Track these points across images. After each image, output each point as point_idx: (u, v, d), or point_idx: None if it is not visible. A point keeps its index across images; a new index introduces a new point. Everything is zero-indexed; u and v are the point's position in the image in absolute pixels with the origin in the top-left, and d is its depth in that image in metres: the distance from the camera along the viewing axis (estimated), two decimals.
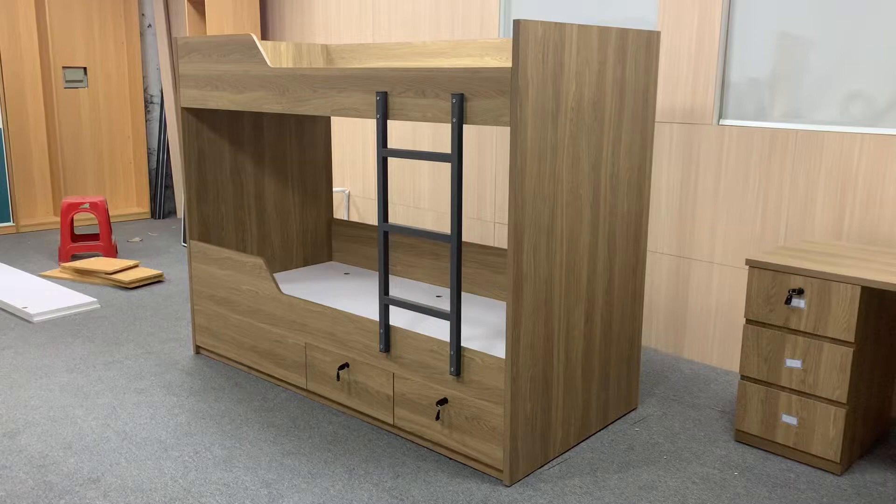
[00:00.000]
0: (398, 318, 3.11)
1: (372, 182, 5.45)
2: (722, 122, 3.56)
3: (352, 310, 3.26)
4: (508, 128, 3.94)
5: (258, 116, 3.82)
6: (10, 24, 6.42)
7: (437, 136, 4.86)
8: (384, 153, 2.72)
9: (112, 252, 5.59)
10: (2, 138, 6.46)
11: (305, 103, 2.97)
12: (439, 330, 2.96)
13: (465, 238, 4.77)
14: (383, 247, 2.79)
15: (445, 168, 4.82)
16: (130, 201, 7.34)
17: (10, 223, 6.58)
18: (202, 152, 3.64)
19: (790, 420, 2.75)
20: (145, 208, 7.32)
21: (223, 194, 3.75)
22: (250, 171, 3.85)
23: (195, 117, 3.59)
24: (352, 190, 5.62)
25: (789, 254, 2.83)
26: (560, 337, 2.69)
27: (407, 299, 2.93)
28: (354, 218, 5.65)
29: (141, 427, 3.01)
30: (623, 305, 2.99)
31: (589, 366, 2.86)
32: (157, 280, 5.08)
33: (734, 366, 3.64)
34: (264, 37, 6.22)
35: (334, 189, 5.60)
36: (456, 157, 2.52)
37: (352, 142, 5.56)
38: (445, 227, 4.92)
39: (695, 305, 3.73)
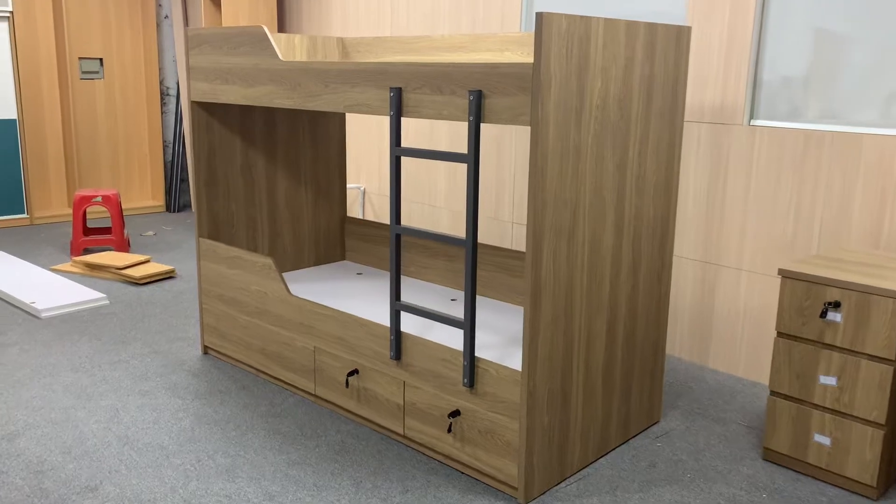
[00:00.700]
0: (410, 322, 2.99)
1: (388, 178, 5.32)
2: (753, 122, 3.40)
3: (363, 313, 3.14)
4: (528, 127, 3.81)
5: (270, 111, 3.70)
6: (27, 13, 6.35)
7: (455, 133, 4.73)
8: (397, 152, 2.59)
9: (124, 246, 5.52)
10: (17, 129, 6.41)
11: (317, 98, 2.85)
12: (453, 337, 2.83)
13: (481, 238, 4.64)
14: (395, 250, 2.66)
15: (462, 166, 4.68)
16: (145, 194, 7.27)
17: (24, 215, 6.53)
18: (212, 147, 3.53)
19: (823, 440, 2.60)
20: (160, 201, 7.25)
21: (233, 191, 3.65)
22: (262, 167, 3.73)
23: (205, 111, 3.48)
24: (367, 186, 5.50)
25: (825, 263, 2.67)
26: (580, 347, 2.55)
27: (419, 305, 2.80)
28: (370, 215, 5.53)
29: (143, 431, 2.91)
30: (647, 314, 2.85)
31: (610, 377, 2.72)
32: (168, 276, 4.99)
33: (761, 377, 3.48)
34: (281, 30, 6.11)
35: (349, 185, 5.49)
36: (472, 158, 2.38)
37: (368, 136, 5.43)
38: (461, 227, 4.79)
39: (721, 313, 3.58)
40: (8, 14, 6.24)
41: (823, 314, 2.51)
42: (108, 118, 6.93)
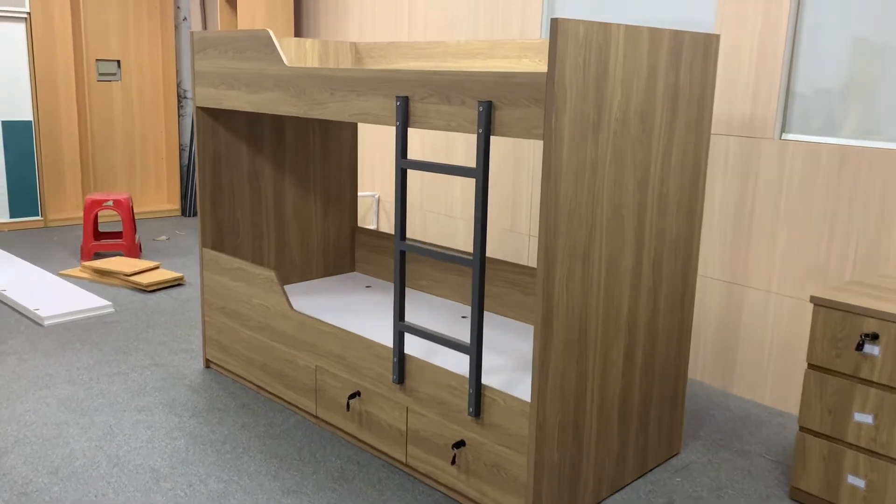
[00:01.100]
0: (416, 342, 2.84)
1: None
2: (785, 136, 3.21)
3: (369, 330, 3.00)
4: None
5: (279, 116, 3.58)
6: (45, 14, 6.31)
7: (470, 143, 4.58)
8: (403, 164, 2.45)
9: (135, 251, 5.43)
10: (32, 130, 6.36)
11: (323, 107, 2.71)
12: (460, 359, 2.68)
13: (496, 251, 4.47)
14: (399, 267, 2.51)
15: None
16: (161, 197, 7.20)
17: (38, 217, 6.48)
18: (218, 154, 3.41)
19: (857, 482, 2.40)
20: (175, 205, 7.17)
21: (239, 199, 3.52)
22: (269, 174, 3.61)
23: (211, 117, 3.36)
24: (382, 194, 5.36)
25: (862, 291, 2.48)
26: (594, 376, 2.38)
27: (424, 327, 2.65)
28: (384, 224, 5.39)
29: (135, 452, 2.78)
30: (668, 339, 2.67)
31: (627, 408, 2.55)
32: (176, 283, 4.89)
33: (789, 406, 3.28)
34: (298, 34, 6.00)
35: (362, 193, 5.35)
36: (481, 173, 2.23)
37: (382, 142, 5.30)
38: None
39: (747, 337, 3.38)
40: (25, 15, 6.20)
41: (860, 346, 2.32)
42: (124, 121, 6.87)
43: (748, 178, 3.30)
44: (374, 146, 5.37)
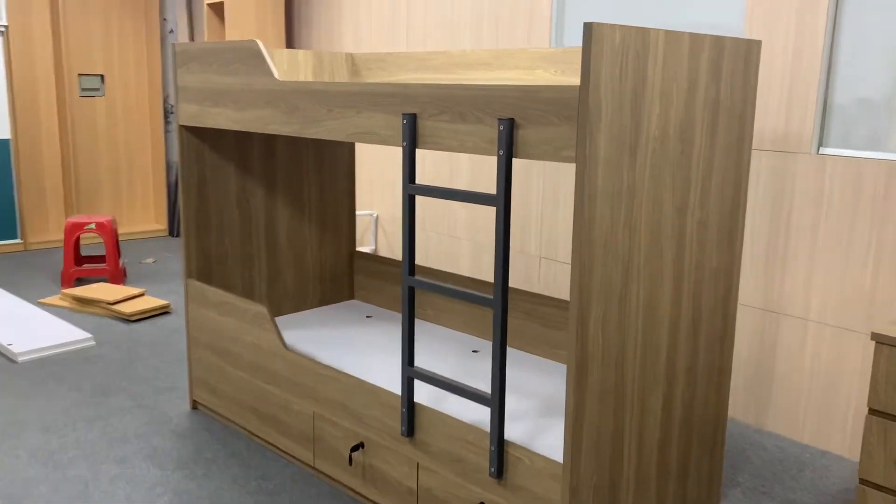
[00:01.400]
0: (426, 386, 2.55)
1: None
2: (822, 150, 2.94)
3: (373, 371, 2.71)
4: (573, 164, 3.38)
5: (270, 134, 3.30)
6: (24, 27, 6.02)
7: (477, 163, 4.30)
8: (412, 190, 2.16)
9: (119, 277, 5.12)
10: (10, 149, 6.05)
11: (318, 125, 2.43)
12: (475, 408, 2.39)
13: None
14: (409, 306, 2.23)
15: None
16: (148, 217, 6.90)
17: (18, 240, 6.16)
18: (203, 176, 3.12)
19: None
20: (163, 225, 6.87)
21: (227, 224, 3.23)
22: (260, 196, 3.32)
23: (196, 136, 3.08)
24: (381, 213, 5.08)
25: None
26: (632, 429, 2.10)
27: (435, 374, 2.37)
28: (382, 245, 5.11)
29: None
30: (707, 383, 2.39)
31: (664, 461, 2.26)
32: (163, 311, 4.59)
33: (831, 446, 3.00)
34: (290, 46, 5.73)
35: (360, 212, 5.07)
36: (503, 200, 1.95)
37: (381, 157, 5.02)
38: (483, 261, 4.35)
39: (783, 369, 3.11)
40: (2, 28, 5.91)
41: None
42: (108, 137, 6.57)
43: (782, 197, 3.03)
44: (372, 161, 5.10)
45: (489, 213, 4.28)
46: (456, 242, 4.49)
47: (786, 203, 3.02)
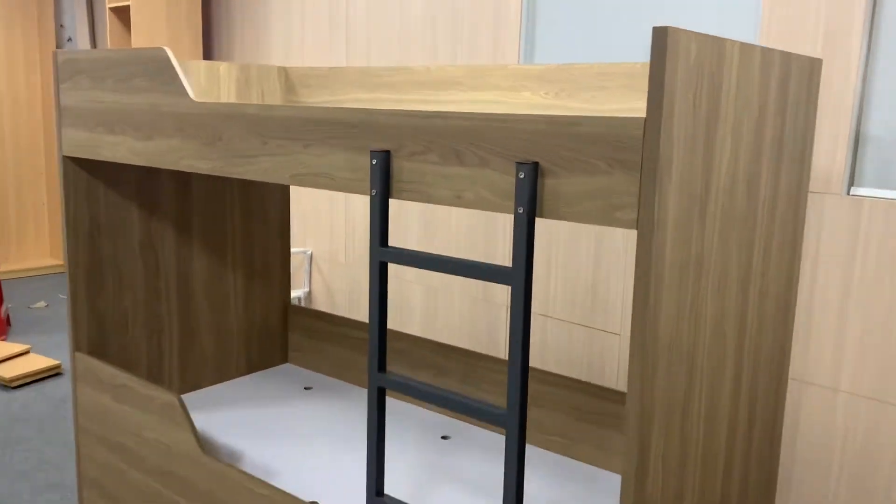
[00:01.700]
0: (392, 475, 1.94)
1: (342, 240, 4.27)
2: (854, 191, 2.49)
3: (319, 473, 2.08)
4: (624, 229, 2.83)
5: None
6: None
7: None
8: (384, 256, 1.57)
9: (1, 327, 4.31)
10: None
11: (249, 162, 1.81)
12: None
13: (465, 325, 3.62)
14: (377, 410, 1.62)
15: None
16: (42, 251, 6.03)
17: None
18: (95, 221, 2.44)
19: None
20: (59, 260, 6.02)
21: (128, 280, 2.55)
22: (171, 242, 2.66)
23: (85, 170, 2.40)
24: (315, 250, 4.44)
25: None
26: None
27: None
28: (318, 286, 4.46)
29: None
30: (758, 486, 1.87)
31: None
32: (52, 373, 3.82)
33: None
34: (208, 58, 5.04)
35: (293, 250, 4.42)
36: (522, 275, 1.38)
37: (315, 189, 4.38)
38: (436, 307, 3.76)
39: (808, 446, 2.63)
40: None
41: None
42: None
43: (807, 244, 2.57)
44: (303, 190, 4.46)
45: (446, 248, 3.71)
46: (404, 286, 3.89)
47: (811, 252, 2.56)
